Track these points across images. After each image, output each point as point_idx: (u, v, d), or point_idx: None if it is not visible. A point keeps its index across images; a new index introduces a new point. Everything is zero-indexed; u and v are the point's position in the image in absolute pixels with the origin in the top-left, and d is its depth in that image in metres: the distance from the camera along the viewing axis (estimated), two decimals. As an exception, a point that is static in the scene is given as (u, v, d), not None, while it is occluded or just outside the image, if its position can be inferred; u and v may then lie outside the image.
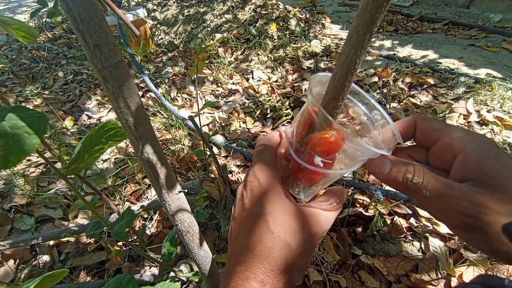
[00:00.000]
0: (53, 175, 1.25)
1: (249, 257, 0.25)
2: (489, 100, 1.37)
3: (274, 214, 0.26)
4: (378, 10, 0.18)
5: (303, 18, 2.37)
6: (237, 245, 0.27)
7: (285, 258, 0.25)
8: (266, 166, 0.29)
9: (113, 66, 0.27)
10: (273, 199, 0.27)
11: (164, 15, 2.93)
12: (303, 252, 0.26)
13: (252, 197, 0.28)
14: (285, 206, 0.27)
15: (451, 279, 0.79)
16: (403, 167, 0.25)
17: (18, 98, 1.84)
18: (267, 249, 0.25)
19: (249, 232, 0.26)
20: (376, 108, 0.29)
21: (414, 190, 0.25)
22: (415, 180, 0.24)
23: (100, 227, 0.57)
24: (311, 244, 0.27)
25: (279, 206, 0.26)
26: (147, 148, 0.33)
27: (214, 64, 1.96)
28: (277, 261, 0.25)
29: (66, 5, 0.23)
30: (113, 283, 0.48)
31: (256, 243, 0.25)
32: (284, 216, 0.26)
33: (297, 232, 0.26)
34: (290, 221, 0.26)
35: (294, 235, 0.25)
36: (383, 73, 1.63)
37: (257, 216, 0.26)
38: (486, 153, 0.24)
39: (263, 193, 0.27)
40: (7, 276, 0.88)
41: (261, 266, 0.24)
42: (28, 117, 0.33)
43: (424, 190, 0.24)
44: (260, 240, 0.25)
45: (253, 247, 0.25)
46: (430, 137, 0.27)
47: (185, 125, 1.44)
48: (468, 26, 2.33)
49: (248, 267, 0.25)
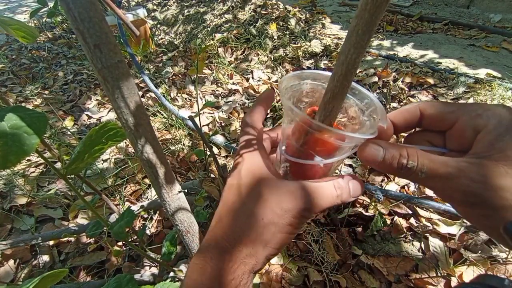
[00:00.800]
0: (53, 175, 1.25)
1: (217, 226, 0.26)
2: (489, 100, 1.37)
3: (250, 185, 0.26)
4: (378, 9, 0.18)
5: (303, 18, 2.37)
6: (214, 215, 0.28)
7: (249, 227, 0.24)
8: (249, 140, 0.29)
9: (113, 66, 0.27)
10: (253, 172, 0.27)
11: (164, 15, 2.93)
12: (270, 225, 0.24)
13: (234, 173, 0.28)
14: (263, 177, 0.26)
15: (451, 279, 0.79)
16: (396, 152, 0.24)
17: (18, 98, 1.84)
18: (234, 218, 0.25)
19: (223, 201, 0.27)
20: (366, 95, 0.29)
21: (409, 174, 0.24)
22: (410, 164, 0.24)
23: (100, 227, 0.57)
24: (281, 219, 0.24)
25: (257, 178, 0.26)
26: (147, 148, 0.33)
27: (214, 64, 1.96)
28: (241, 230, 0.24)
29: (66, 5, 0.23)
30: (113, 283, 0.48)
31: (225, 211, 0.26)
32: (260, 187, 0.26)
33: (268, 203, 0.25)
34: (265, 191, 0.25)
35: (263, 206, 0.25)
36: (383, 73, 1.63)
37: (233, 187, 0.27)
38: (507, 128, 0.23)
39: (244, 166, 0.28)
40: (7, 276, 0.88)
41: (223, 234, 0.25)
42: (28, 117, 0.33)
43: (420, 173, 0.23)
44: (229, 208, 0.26)
45: (222, 216, 0.26)
46: (445, 121, 0.26)
47: (185, 125, 1.44)
48: (468, 26, 2.33)
49: (213, 234, 0.25)
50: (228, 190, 0.28)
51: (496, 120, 0.23)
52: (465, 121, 0.25)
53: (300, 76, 0.30)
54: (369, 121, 0.28)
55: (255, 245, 0.24)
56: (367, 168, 1.13)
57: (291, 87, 0.30)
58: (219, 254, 0.24)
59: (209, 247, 0.25)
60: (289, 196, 0.25)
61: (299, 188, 0.25)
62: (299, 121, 0.26)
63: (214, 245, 0.24)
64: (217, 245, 0.24)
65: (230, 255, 0.24)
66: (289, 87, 0.29)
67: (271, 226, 0.24)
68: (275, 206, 0.24)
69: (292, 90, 0.30)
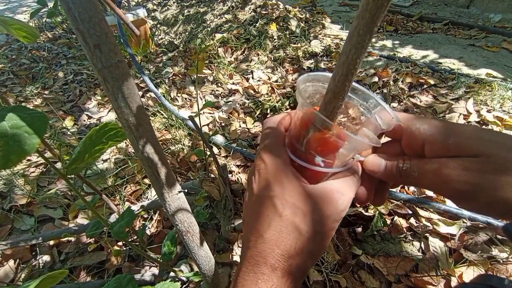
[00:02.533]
0: (53, 175, 1.25)
1: (259, 242, 0.25)
2: (489, 100, 1.37)
3: (282, 196, 0.25)
4: (379, 10, 0.18)
5: (303, 18, 2.37)
6: (247, 230, 0.27)
7: (294, 242, 0.24)
8: (272, 148, 0.28)
9: (113, 66, 0.27)
10: (280, 181, 0.26)
11: (164, 15, 2.93)
12: (314, 236, 0.25)
13: (259, 181, 0.27)
14: (294, 187, 0.26)
15: (451, 279, 0.79)
16: (394, 159, 0.28)
17: (18, 98, 1.84)
18: (276, 233, 0.24)
19: (258, 217, 0.26)
20: (370, 96, 0.29)
21: (406, 175, 0.26)
22: (404, 166, 0.27)
23: (100, 227, 0.57)
24: (324, 227, 0.25)
25: (287, 188, 0.26)
26: (147, 148, 0.33)
27: (214, 64, 1.96)
28: (287, 245, 0.24)
29: (66, 5, 0.23)
30: (113, 283, 0.48)
31: (265, 227, 0.25)
32: (293, 198, 0.25)
33: (307, 214, 0.25)
34: (300, 202, 0.25)
35: (303, 218, 0.25)
36: (383, 73, 1.63)
37: (265, 200, 0.26)
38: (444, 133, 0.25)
39: (270, 176, 0.27)
40: (7, 276, 0.88)
41: (270, 251, 0.24)
42: (28, 117, 0.33)
43: (413, 172, 0.26)
44: (269, 224, 0.25)
45: (262, 232, 0.25)
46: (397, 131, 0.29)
47: (185, 125, 1.44)
48: (468, 26, 2.33)
49: (258, 252, 0.24)
50: (259, 203, 0.27)
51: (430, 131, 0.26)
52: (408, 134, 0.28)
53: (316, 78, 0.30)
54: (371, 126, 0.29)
55: (303, 258, 0.25)
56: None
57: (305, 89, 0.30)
58: (271, 271, 0.24)
59: (258, 263, 0.24)
60: (325, 201, 0.25)
61: (331, 191, 0.26)
62: (306, 112, 0.26)
63: (263, 261, 0.24)
64: (266, 262, 0.24)
65: (281, 271, 0.24)
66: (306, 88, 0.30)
67: (315, 236, 0.25)
68: (316, 215, 0.25)
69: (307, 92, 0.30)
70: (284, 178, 0.26)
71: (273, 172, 0.27)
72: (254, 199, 0.27)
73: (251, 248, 0.25)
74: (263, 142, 0.30)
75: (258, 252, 0.24)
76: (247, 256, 0.25)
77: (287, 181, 0.26)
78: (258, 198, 0.27)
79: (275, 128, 0.30)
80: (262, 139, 0.30)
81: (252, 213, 0.27)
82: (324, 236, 0.26)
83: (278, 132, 0.30)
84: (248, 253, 0.25)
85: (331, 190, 0.26)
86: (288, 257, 0.24)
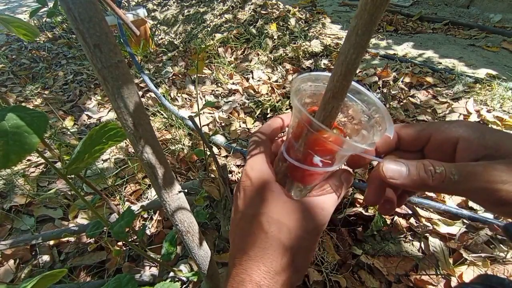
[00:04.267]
0: (53, 175, 1.25)
1: (244, 259, 0.25)
2: (489, 100, 1.37)
3: (267, 213, 0.25)
4: (377, 9, 0.18)
5: (303, 18, 2.37)
6: (234, 247, 0.27)
7: (280, 258, 0.24)
8: (257, 164, 0.28)
9: (113, 66, 0.27)
10: (265, 198, 0.26)
11: (164, 15, 2.93)
12: (300, 251, 0.25)
13: (245, 198, 0.28)
14: (279, 203, 0.26)
15: (451, 279, 0.79)
16: (419, 163, 0.24)
17: (18, 98, 1.84)
18: (261, 250, 0.24)
19: (243, 234, 0.26)
20: (374, 104, 0.29)
21: (442, 180, 0.23)
22: (438, 170, 0.23)
23: (100, 227, 0.57)
24: (307, 242, 0.26)
25: (272, 205, 0.26)
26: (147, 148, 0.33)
27: (214, 64, 1.96)
28: (273, 262, 0.24)
29: (66, 5, 0.23)
30: (113, 283, 0.48)
31: (250, 244, 0.25)
32: (278, 214, 0.25)
33: (292, 230, 0.25)
34: (284, 219, 0.25)
35: (288, 234, 0.25)
36: (383, 73, 1.63)
37: (250, 217, 0.26)
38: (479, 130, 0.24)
39: (255, 193, 0.27)
40: (7, 276, 0.88)
41: (256, 268, 0.24)
42: (28, 116, 0.33)
43: (452, 176, 0.22)
44: (254, 241, 0.25)
45: (247, 249, 0.25)
46: (419, 139, 0.28)
47: (185, 125, 1.44)
48: (468, 26, 2.33)
49: (243, 269, 0.24)
50: (244, 221, 0.27)
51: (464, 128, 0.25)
52: (439, 136, 0.26)
53: (310, 78, 0.30)
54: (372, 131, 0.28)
55: (289, 274, 0.25)
56: (367, 169, 1.13)
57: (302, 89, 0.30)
58: None
59: (244, 281, 0.24)
60: (308, 217, 0.26)
61: (313, 207, 0.26)
62: (301, 116, 0.26)
63: (248, 279, 0.24)
64: (251, 279, 0.24)
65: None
66: (300, 89, 0.29)
67: (300, 251, 0.25)
68: (300, 231, 0.25)
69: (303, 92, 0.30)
70: (269, 195, 0.26)
71: (258, 189, 0.27)
72: (239, 216, 0.28)
73: (236, 265, 0.25)
74: (249, 154, 0.30)
75: (243, 269, 0.24)
76: (233, 273, 0.25)
77: (272, 198, 0.26)
78: (243, 215, 0.27)
79: (261, 138, 0.30)
80: (248, 153, 0.30)
81: (238, 230, 0.27)
82: (308, 250, 0.26)
83: (264, 144, 0.30)
84: (233, 270, 0.25)
85: (313, 206, 0.26)
86: (274, 274, 0.24)
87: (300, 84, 0.29)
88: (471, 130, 0.25)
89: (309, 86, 0.30)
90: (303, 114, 0.26)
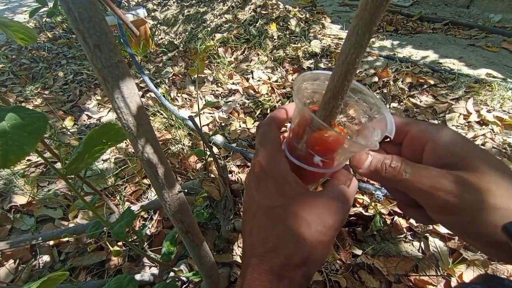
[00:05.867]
0: (53, 175, 1.25)
1: (264, 250, 0.25)
2: (489, 100, 1.37)
3: (286, 206, 0.25)
4: (378, 9, 0.18)
5: (303, 18, 2.37)
6: (250, 238, 0.27)
7: (300, 251, 0.24)
8: (271, 153, 0.28)
9: (113, 66, 0.27)
10: (283, 190, 0.26)
11: (164, 15, 2.93)
12: (319, 245, 0.25)
13: (260, 189, 0.27)
14: (296, 196, 0.26)
15: (451, 279, 0.79)
16: (381, 157, 0.27)
17: (18, 98, 1.84)
18: (282, 243, 0.25)
19: (261, 226, 0.26)
20: (376, 104, 0.29)
21: (394, 174, 0.25)
22: (393, 164, 0.25)
23: (100, 227, 0.57)
24: (326, 237, 0.25)
25: (289, 197, 0.26)
26: (147, 148, 0.33)
27: (214, 64, 1.96)
28: (293, 254, 0.24)
29: (66, 5, 0.23)
30: (114, 284, 0.48)
31: (270, 236, 0.25)
32: (297, 207, 0.25)
33: (311, 224, 0.25)
34: (303, 212, 0.25)
35: (308, 228, 0.25)
36: (383, 73, 1.63)
37: (268, 209, 0.26)
38: (453, 138, 0.25)
39: (271, 184, 0.26)
40: (7, 276, 0.88)
41: (277, 260, 0.24)
42: (28, 117, 0.33)
43: (404, 173, 0.25)
44: (273, 234, 0.25)
45: (267, 241, 0.25)
46: (401, 132, 0.28)
47: (185, 125, 1.44)
48: (468, 26, 2.33)
49: (264, 260, 0.25)
50: (261, 213, 0.27)
51: (440, 132, 0.26)
52: (414, 133, 0.27)
53: (311, 77, 0.30)
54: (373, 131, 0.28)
55: (308, 267, 0.25)
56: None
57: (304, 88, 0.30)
58: (278, 280, 0.24)
59: (265, 272, 0.24)
60: (328, 211, 0.25)
61: (332, 200, 0.26)
62: (303, 114, 0.26)
63: (269, 270, 0.24)
64: (272, 271, 0.24)
65: (288, 280, 0.24)
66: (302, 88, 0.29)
67: (319, 245, 0.25)
68: (319, 225, 0.25)
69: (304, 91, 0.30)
70: (287, 187, 0.26)
71: (274, 181, 0.26)
72: (255, 207, 0.27)
73: (256, 256, 0.25)
74: (261, 146, 0.29)
75: (264, 260, 0.25)
76: (252, 264, 0.25)
77: (290, 190, 0.26)
78: (259, 207, 0.27)
79: (270, 129, 0.30)
80: (258, 142, 0.30)
81: (255, 222, 0.27)
82: (327, 245, 0.26)
83: (274, 135, 0.29)
84: (253, 261, 0.25)
85: (332, 199, 0.26)
86: (294, 267, 0.24)
87: (302, 83, 0.29)
88: (445, 136, 0.25)
89: (310, 85, 0.30)
90: (304, 112, 0.26)
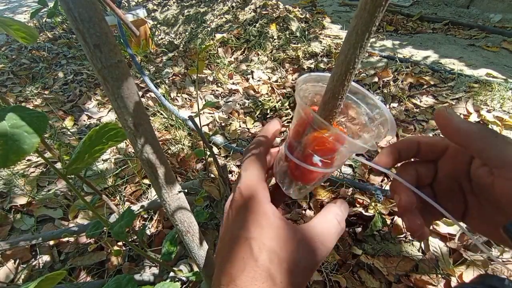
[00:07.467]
0: (53, 175, 1.25)
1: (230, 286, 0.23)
2: (489, 100, 1.37)
3: (259, 239, 0.23)
4: (377, 9, 0.18)
5: (303, 18, 2.37)
6: (220, 270, 0.25)
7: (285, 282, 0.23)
8: (252, 181, 0.27)
9: (113, 66, 0.27)
10: (259, 222, 0.24)
11: (164, 15, 2.93)
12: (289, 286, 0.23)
13: (236, 218, 0.25)
14: (273, 229, 0.24)
15: (451, 279, 0.79)
16: None
17: (18, 98, 1.84)
18: (249, 280, 0.23)
19: (232, 259, 0.24)
20: (377, 106, 0.29)
21: None
22: None
23: (100, 227, 0.57)
24: (300, 278, 0.23)
25: (265, 230, 0.24)
26: (147, 148, 0.33)
27: (214, 64, 1.96)
28: None
29: (66, 6, 0.23)
30: (113, 283, 0.48)
31: (238, 271, 0.23)
32: (271, 241, 0.23)
33: (284, 262, 0.23)
34: (277, 247, 0.23)
35: (279, 266, 0.23)
36: (383, 73, 1.63)
37: (241, 240, 0.24)
38: None
39: (248, 214, 0.25)
40: (7, 276, 0.88)
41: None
42: (28, 116, 0.33)
43: None
44: (243, 268, 0.23)
45: (235, 276, 0.23)
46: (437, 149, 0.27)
47: (185, 125, 1.44)
48: (468, 26, 2.33)
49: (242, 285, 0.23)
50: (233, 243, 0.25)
51: None
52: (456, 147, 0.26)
53: (314, 79, 0.30)
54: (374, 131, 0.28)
55: None
56: (367, 169, 1.13)
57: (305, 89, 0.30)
58: None
59: None
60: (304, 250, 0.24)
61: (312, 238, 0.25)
62: (303, 111, 0.26)
63: None
64: None
65: None
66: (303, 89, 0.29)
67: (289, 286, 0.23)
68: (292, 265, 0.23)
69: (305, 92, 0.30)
70: (263, 219, 0.24)
71: (251, 210, 0.25)
72: (228, 237, 0.26)
73: (235, 278, 0.23)
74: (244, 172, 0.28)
75: None
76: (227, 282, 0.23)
77: (266, 222, 0.24)
78: (232, 237, 0.25)
79: (256, 155, 0.29)
80: (242, 169, 0.29)
81: (226, 253, 0.25)
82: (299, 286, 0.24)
83: (260, 161, 0.28)
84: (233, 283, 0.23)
85: (312, 237, 0.24)
86: None
87: (303, 84, 0.29)
88: None
89: (312, 87, 0.30)
90: (305, 110, 0.26)
